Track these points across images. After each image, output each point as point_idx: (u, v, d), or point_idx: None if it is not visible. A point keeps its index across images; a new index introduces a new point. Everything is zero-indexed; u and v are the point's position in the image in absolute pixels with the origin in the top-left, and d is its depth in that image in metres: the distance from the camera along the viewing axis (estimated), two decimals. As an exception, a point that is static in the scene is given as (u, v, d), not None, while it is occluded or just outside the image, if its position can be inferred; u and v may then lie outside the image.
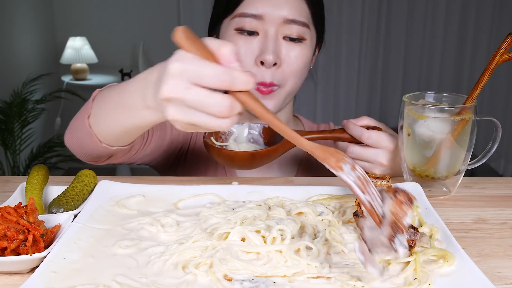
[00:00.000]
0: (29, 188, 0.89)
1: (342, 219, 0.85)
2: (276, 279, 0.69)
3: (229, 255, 0.72)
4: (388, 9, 4.44)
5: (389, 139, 1.05)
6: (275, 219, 0.83)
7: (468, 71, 4.57)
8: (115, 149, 0.96)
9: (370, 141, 1.05)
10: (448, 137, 0.96)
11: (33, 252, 0.71)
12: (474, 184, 1.08)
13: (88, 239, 0.78)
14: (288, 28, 1.16)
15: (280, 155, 1.07)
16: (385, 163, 1.05)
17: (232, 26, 1.18)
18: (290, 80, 1.19)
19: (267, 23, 1.15)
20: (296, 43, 1.17)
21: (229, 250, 0.73)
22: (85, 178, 0.95)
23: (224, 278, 0.69)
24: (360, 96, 4.64)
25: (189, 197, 0.94)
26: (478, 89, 0.96)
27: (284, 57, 1.17)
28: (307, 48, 1.19)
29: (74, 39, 4.24)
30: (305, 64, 1.20)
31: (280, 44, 1.16)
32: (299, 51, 1.18)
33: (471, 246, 0.81)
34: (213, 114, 0.64)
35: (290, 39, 1.17)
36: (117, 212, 0.88)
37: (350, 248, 0.77)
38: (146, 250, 0.76)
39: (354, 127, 1.06)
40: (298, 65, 1.18)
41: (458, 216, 0.92)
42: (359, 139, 1.05)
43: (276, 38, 1.15)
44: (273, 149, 1.04)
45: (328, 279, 0.69)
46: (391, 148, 1.05)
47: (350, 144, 1.07)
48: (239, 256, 0.73)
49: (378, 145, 1.05)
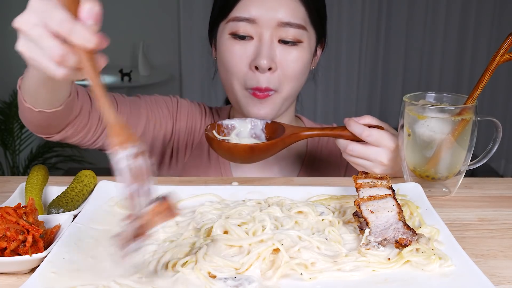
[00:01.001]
0: (28, 188, 0.89)
1: (342, 219, 0.85)
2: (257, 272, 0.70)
3: (211, 251, 0.72)
4: (388, 9, 4.45)
5: (390, 138, 1.05)
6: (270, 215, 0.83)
7: (468, 71, 4.57)
8: (38, 111, 0.96)
9: (371, 139, 1.04)
10: (449, 137, 0.96)
11: (32, 253, 0.71)
12: (474, 185, 1.08)
13: (88, 239, 0.78)
14: (283, 31, 1.13)
15: (280, 150, 1.07)
16: (386, 162, 1.05)
17: (226, 30, 1.16)
18: (287, 84, 1.17)
19: (261, 27, 1.13)
20: (292, 46, 1.15)
21: (213, 246, 0.74)
22: (85, 178, 0.95)
23: (208, 275, 0.69)
24: (360, 96, 4.64)
25: (188, 197, 0.94)
26: (478, 89, 0.96)
27: (280, 61, 1.14)
28: (305, 51, 1.17)
29: (74, 39, 4.23)
30: (302, 67, 1.17)
31: (275, 48, 1.14)
32: (295, 55, 1.15)
33: (472, 246, 0.81)
34: (48, 56, 0.66)
35: (286, 42, 1.14)
36: (117, 212, 0.88)
37: (349, 248, 0.77)
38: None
39: (355, 124, 1.05)
40: (295, 69, 1.16)
41: (458, 217, 0.92)
42: (360, 137, 1.05)
43: (271, 42, 1.13)
44: (273, 143, 1.04)
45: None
46: (392, 147, 1.05)
47: (350, 142, 1.06)
48: (222, 251, 0.73)
49: (379, 144, 1.04)
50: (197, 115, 1.35)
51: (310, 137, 1.08)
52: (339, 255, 0.74)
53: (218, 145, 1.03)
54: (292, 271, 0.70)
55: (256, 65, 1.12)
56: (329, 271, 0.70)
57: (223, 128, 1.10)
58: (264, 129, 1.12)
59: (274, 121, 1.12)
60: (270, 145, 1.04)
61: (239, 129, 1.12)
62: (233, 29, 1.15)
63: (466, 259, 0.72)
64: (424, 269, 0.71)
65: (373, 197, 0.81)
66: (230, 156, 1.04)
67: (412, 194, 0.93)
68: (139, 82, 4.37)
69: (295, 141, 1.07)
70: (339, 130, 1.08)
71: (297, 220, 0.83)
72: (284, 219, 0.82)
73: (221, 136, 1.09)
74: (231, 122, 1.11)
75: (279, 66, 1.15)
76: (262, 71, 1.13)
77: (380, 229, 0.76)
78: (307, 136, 1.08)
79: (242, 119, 1.13)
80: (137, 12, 4.51)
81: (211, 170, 1.29)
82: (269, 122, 1.12)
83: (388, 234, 0.75)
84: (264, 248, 0.72)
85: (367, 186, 0.84)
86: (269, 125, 1.12)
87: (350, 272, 0.71)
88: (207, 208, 0.87)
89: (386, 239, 0.75)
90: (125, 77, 4.38)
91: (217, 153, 1.06)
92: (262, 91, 1.14)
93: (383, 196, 0.81)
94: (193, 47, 4.42)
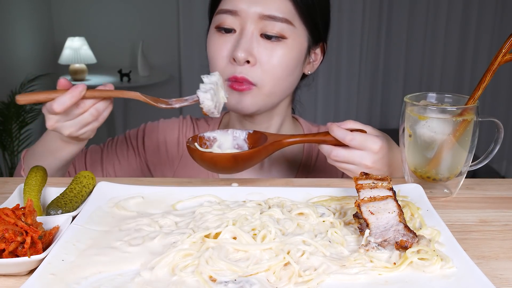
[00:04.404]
0: (27, 189, 0.89)
1: (342, 220, 0.85)
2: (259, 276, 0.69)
3: (216, 255, 0.72)
4: (389, 9, 4.45)
5: (374, 140, 1.04)
6: (272, 217, 0.83)
7: (470, 71, 4.58)
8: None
9: (354, 143, 1.03)
10: (450, 138, 0.96)
11: (31, 254, 0.71)
12: (476, 186, 1.08)
13: (86, 241, 0.78)
14: (265, 25, 1.12)
15: (264, 158, 1.07)
16: (370, 165, 1.04)
17: (214, 24, 1.18)
18: (268, 80, 1.15)
19: (243, 20, 1.13)
20: (276, 42, 1.13)
21: (218, 250, 0.73)
22: (84, 179, 0.95)
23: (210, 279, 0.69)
24: (361, 97, 4.64)
25: (188, 198, 0.94)
26: (480, 90, 0.96)
27: (260, 56, 1.13)
28: (289, 48, 1.15)
29: (73, 39, 4.23)
30: (285, 65, 1.15)
31: (256, 42, 1.13)
32: (277, 51, 1.13)
33: (473, 248, 0.81)
34: (79, 114, 1.01)
35: (269, 37, 1.13)
36: (116, 213, 0.88)
37: (351, 250, 0.77)
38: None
39: (338, 129, 1.04)
40: (275, 65, 1.14)
41: (459, 218, 0.92)
42: (343, 141, 1.04)
43: (251, 35, 1.13)
44: (256, 151, 1.04)
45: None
46: (376, 149, 1.04)
47: (334, 147, 1.05)
48: (227, 255, 0.73)
49: (362, 147, 1.04)
50: (172, 131, 1.36)
51: (292, 144, 1.08)
52: (346, 258, 0.74)
53: (201, 156, 1.03)
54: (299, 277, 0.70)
55: (234, 57, 1.12)
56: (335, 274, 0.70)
57: (205, 141, 1.10)
58: (247, 139, 1.11)
59: (256, 131, 1.11)
60: (254, 153, 1.04)
61: (220, 141, 1.11)
62: (218, 22, 1.16)
63: (467, 260, 0.72)
64: (425, 271, 0.71)
65: (374, 198, 0.81)
66: (213, 166, 1.03)
67: (413, 195, 0.93)
68: (139, 83, 4.37)
69: (278, 148, 1.07)
70: (321, 136, 1.07)
71: (299, 222, 0.83)
72: (285, 222, 0.82)
73: (203, 148, 1.08)
74: (212, 134, 1.10)
75: (259, 61, 1.13)
76: (239, 64, 1.13)
77: (381, 230, 0.76)
78: (290, 143, 1.07)
79: (224, 131, 1.12)
80: (136, 12, 4.52)
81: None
82: (250, 132, 1.11)
83: (389, 235, 0.75)
84: (276, 263, 0.71)
85: (367, 187, 0.84)
86: (251, 135, 1.11)
87: (355, 275, 0.70)
88: (207, 208, 0.87)
89: (387, 240, 0.75)
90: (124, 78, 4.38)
91: (200, 164, 1.04)
92: (238, 80, 1.13)
93: (384, 198, 0.81)
94: (193, 47, 4.42)
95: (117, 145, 1.36)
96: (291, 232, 0.80)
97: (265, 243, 0.76)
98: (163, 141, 1.35)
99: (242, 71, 1.13)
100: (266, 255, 0.74)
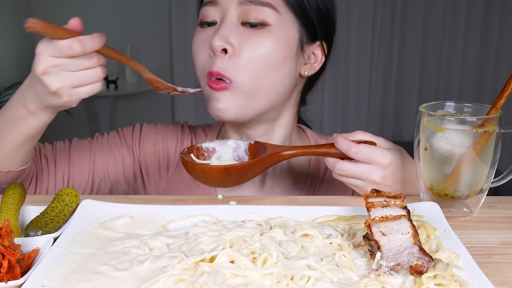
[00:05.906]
0: (3, 208, 0.90)
1: (351, 242, 0.85)
2: None
3: (211, 280, 0.72)
4: (403, 9, 4.46)
5: (382, 153, 1.04)
6: (273, 239, 0.83)
7: (491, 78, 4.58)
8: (6, 172, 1.09)
9: (360, 156, 1.03)
10: (470, 151, 0.97)
11: (8, 280, 0.71)
12: (498, 204, 1.08)
13: (69, 265, 0.78)
14: (246, 10, 1.12)
15: (260, 171, 1.07)
16: (378, 181, 1.04)
17: (198, 20, 1.21)
18: (246, 74, 1.12)
19: (223, 8, 1.14)
20: (257, 29, 1.13)
21: (214, 275, 0.74)
22: (66, 197, 0.96)
23: None
24: (372, 105, 4.64)
25: (181, 218, 0.94)
26: (503, 99, 0.97)
27: (239, 45, 1.12)
28: (272, 36, 1.13)
29: (54, 43, 4.25)
30: (267, 55, 1.13)
31: (234, 29, 1.12)
32: (258, 38, 1.12)
33: (495, 272, 0.81)
34: (84, 68, 0.93)
35: (251, 25, 1.12)
36: (101, 235, 0.89)
37: (361, 275, 0.77)
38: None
39: (343, 141, 1.04)
40: (252, 55, 1.12)
41: (480, 240, 0.92)
42: (347, 154, 1.04)
43: (230, 23, 1.13)
44: (250, 164, 1.04)
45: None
46: (385, 163, 1.04)
47: (338, 160, 1.05)
48: (224, 281, 0.74)
49: (369, 161, 1.03)
50: (170, 137, 1.37)
51: (292, 156, 1.07)
52: (355, 284, 0.74)
53: (192, 168, 1.03)
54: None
55: (210, 47, 1.13)
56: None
57: (203, 151, 1.10)
58: (248, 150, 1.11)
59: (258, 141, 1.11)
60: (248, 166, 1.03)
61: (220, 153, 1.11)
62: (201, 16, 1.19)
63: (489, 286, 0.72)
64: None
65: (386, 218, 0.81)
66: (205, 179, 1.04)
67: (429, 214, 0.94)
68: (127, 91, 4.37)
69: (277, 161, 1.07)
70: (326, 148, 1.07)
71: (303, 244, 0.83)
72: (288, 244, 0.82)
73: (200, 159, 1.08)
74: (211, 144, 1.11)
75: (237, 51, 1.12)
76: (216, 53, 1.12)
77: (393, 253, 0.76)
78: (290, 155, 1.07)
79: (223, 141, 1.12)
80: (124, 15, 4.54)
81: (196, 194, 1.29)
82: (252, 142, 1.11)
83: (402, 259, 0.76)
84: None
85: (379, 205, 0.84)
86: (253, 146, 1.11)
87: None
88: (201, 229, 0.87)
89: (400, 264, 0.75)
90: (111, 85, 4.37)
91: (193, 176, 1.05)
92: (213, 75, 1.13)
93: (397, 217, 0.81)
94: (186, 52, 4.43)
95: (110, 140, 1.34)
96: (294, 255, 0.81)
97: (266, 268, 0.76)
98: (161, 146, 1.35)
99: (218, 64, 1.12)
100: (267, 281, 0.74)
